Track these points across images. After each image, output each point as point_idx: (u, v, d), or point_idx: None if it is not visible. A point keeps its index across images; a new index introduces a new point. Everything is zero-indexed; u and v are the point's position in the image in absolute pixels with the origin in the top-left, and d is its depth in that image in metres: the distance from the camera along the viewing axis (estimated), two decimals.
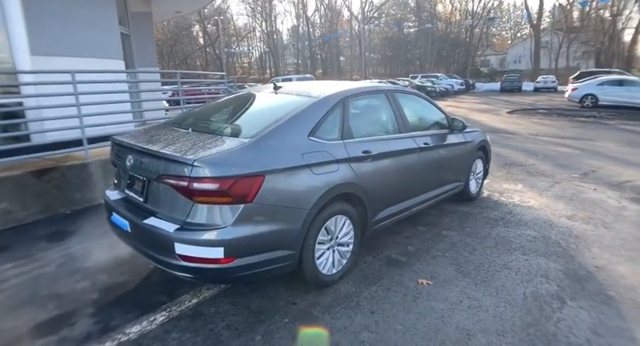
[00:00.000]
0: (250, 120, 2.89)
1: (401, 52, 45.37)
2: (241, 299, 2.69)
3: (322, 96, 2.87)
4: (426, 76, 29.45)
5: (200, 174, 2.11)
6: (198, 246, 2.14)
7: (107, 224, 2.84)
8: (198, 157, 2.14)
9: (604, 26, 39.81)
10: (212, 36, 46.81)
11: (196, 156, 2.15)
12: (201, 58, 50.96)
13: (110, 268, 3.15)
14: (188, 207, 2.19)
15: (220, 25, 39.52)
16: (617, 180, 5.84)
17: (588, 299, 2.69)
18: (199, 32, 50.15)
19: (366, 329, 2.37)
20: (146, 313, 2.54)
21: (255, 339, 2.29)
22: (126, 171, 2.63)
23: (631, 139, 9.75)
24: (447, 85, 27.49)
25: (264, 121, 2.58)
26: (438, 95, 25.44)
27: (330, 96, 2.89)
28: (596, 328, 2.37)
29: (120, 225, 2.53)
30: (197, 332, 2.36)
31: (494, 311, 2.55)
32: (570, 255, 3.33)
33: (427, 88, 25.04)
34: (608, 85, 15.99)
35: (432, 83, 26.60)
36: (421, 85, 24.67)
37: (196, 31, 50.65)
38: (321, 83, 3.55)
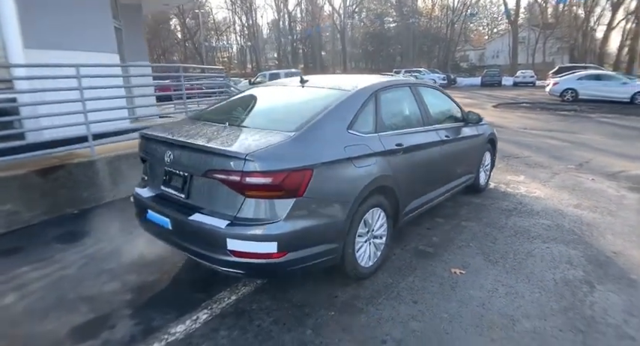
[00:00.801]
0: (287, 113, 2.86)
1: (382, 46, 45.61)
2: (281, 293, 2.68)
3: (356, 89, 2.87)
4: (409, 71, 29.72)
5: (253, 169, 2.08)
6: (252, 241, 2.12)
7: (128, 221, 2.76)
8: (250, 151, 2.11)
9: (577, 23, 41.12)
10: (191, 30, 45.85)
11: (248, 151, 2.12)
12: (179, 52, 49.85)
13: (137, 268, 3.07)
14: (239, 202, 2.16)
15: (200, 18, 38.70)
16: (611, 170, 6.08)
17: (614, 282, 2.80)
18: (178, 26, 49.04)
19: (413, 318, 2.40)
20: (187, 312, 2.50)
21: (306, 333, 2.29)
22: (161, 166, 2.56)
23: (614, 132, 10.15)
24: (429, 80, 27.83)
25: (303, 114, 2.56)
26: None
27: (363, 88, 2.90)
28: (629, 309, 2.48)
29: (159, 222, 2.47)
30: (245, 328, 2.33)
31: (531, 297, 2.63)
32: (587, 242, 3.46)
33: None
34: (586, 80, 16.59)
35: (415, 78, 26.86)
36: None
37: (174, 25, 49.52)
38: (344, 76, 3.55)
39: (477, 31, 62.32)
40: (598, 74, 17.12)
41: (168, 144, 2.46)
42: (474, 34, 61.66)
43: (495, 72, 31.43)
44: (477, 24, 60.32)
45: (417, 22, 42.52)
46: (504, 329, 2.30)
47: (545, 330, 2.29)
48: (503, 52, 46.32)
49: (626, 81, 16.16)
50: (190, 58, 46.52)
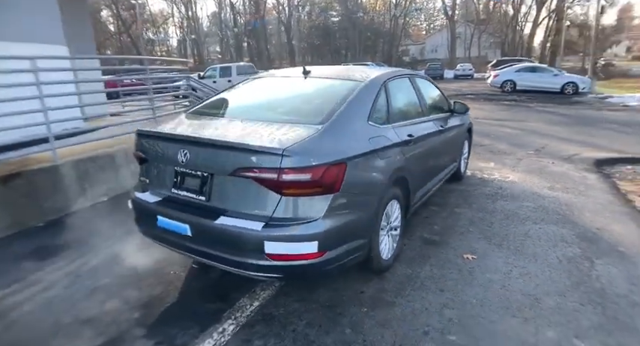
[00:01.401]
0: (305, 105, 2.72)
1: (328, 40, 45.87)
2: (306, 295, 2.56)
3: (368, 79, 2.81)
4: (358, 64, 30.20)
5: (291, 165, 1.95)
6: (291, 242, 1.99)
7: (106, 230, 2.49)
8: (287, 146, 1.97)
9: (507, 20, 44.28)
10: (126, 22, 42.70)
11: (283, 146, 1.98)
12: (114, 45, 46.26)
13: (134, 281, 2.78)
14: (274, 202, 2.01)
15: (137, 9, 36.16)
16: (565, 154, 6.61)
17: (608, 256, 3.03)
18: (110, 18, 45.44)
19: (445, 306, 2.42)
20: (210, 324, 2.30)
21: (345, 333, 2.21)
22: (170, 167, 2.32)
23: (554, 120, 11.06)
24: None
25: (324, 106, 2.46)
26: None
27: (375, 79, 2.85)
28: (630, 279, 2.69)
29: (174, 229, 2.24)
30: (280, 335, 2.20)
31: (543, 275, 2.75)
32: (572, 221, 3.71)
33: None
34: (523, 72, 17.92)
35: None
36: None
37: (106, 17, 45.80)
38: (343, 67, 3.47)
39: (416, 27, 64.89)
40: (533, 67, 18.57)
41: (182, 142, 2.23)
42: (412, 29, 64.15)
43: (437, 65, 32.90)
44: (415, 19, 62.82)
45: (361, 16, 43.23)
46: (532, 308, 2.38)
47: (568, 305, 2.41)
48: (442, 46, 48.67)
49: (557, 73, 17.68)
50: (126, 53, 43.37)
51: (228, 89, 3.21)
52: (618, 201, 4.30)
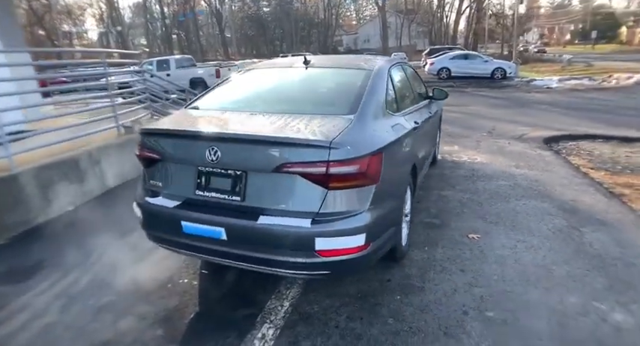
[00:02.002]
0: (325, 96, 2.63)
1: (262, 31, 44.93)
2: (333, 289, 2.51)
3: (376, 67, 2.79)
4: (297, 55, 29.92)
5: (339, 157, 1.87)
6: (340, 237, 1.92)
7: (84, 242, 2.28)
8: (332, 139, 1.89)
9: (432, 9, 46.61)
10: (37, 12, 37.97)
11: (329, 138, 1.89)
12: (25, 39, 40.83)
13: (142, 296, 2.54)
14: (320, 196, 1.92)
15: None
16: (515, 134, 7.16)
17: (591, 224, 3.34)
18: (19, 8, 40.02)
19: (473, 285, 2.51)
20: (247, 331, 2.18)
21: (389, 322, 2.20)
22: (192, 167, 2.12)
23: (491, 103, 11.95)
24: None
25: (344, 96, 2.42)
26: None
27: (381, 67, 2.83)
28: (617, 243, 3.00)
29: (205, 234, 2.05)
30: (325, 333, 2.14)
31: (545, 246, 2.97)
32: (548, 195, 4.04)
33: None
34: (457, 59, 19.05)
35: None
36: None
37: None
38: (341, 56, 3.41)
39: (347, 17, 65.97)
40: (466, 54, 19.81)
41: (210, 140, 2.03)
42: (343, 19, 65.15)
43: (373, 54, 33.78)
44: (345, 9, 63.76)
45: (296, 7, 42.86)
46: (548, 278, 2.56)
47: (576, 272, 2.63)
48: (375, 36, 50.01)
49: (486, 59, 19.05)
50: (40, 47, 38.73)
51: (225, 82, 2.99)
52: (577, 174, 4.76)
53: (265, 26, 44.14)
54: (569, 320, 2.17)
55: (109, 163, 4.44)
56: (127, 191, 4.49)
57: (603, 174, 4.88)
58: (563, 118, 8.88)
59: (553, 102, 11.56)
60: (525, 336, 2.06)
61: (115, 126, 4.77)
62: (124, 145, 4.69)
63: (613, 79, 16.66)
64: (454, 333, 2.10)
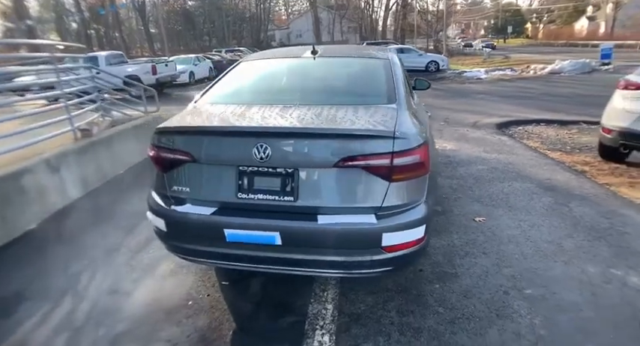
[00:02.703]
0: (354, 86, 2.54)
1: (190, 26, 42.74)
2: (369, 285, 2.43)
3: (389, 56, 2.76)
4: (231, 50, 29.01)
5: (402, 147, 1.80)
6: (406, 230, 1.85)
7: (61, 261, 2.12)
8: (394, 129, 1.81)
9: (361, 5, 47.84)
10: None
11: (390, 128, 1.81)
12: None
13: (163, 317, 2.26)
14: (382, 190, 1.83)
15: None
16: (469, 122, 7.61)
17: (574, 200, 3.63)
18: None
19: (500, 266, 2.59)
20: (300, 341, 2.03)
21: (439, 312, 2.19)
22: (231, 167, 1.90)
23: (434, 93, 12.48)
24: None
25: (375, 86, 2.38)
26: None
27: (393, 56, 2.80)
28: (603, 215, 3.29)
29: (257, 240, 1.85)
30: (383, 331, 2.07)
31: (546, 223, 3.17)
32: (526, 176, 4.33)
33: None
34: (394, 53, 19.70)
35: (240, 57, 26.53)
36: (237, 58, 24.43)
37: None
38: (349, 46, 3.30)
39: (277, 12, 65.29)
40: (401, 48, 20.60)
41: (259, 136, 1.84)
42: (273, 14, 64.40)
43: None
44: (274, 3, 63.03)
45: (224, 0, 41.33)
46: (562, 252, 2.73)
47: (583, 244, 2.83)
48: (307, 31, 50.11)
49: (421, 53, 20.06)
50: None
51: (229, 74, 2.73)
52: (539, 156, 5.17)
53: (194, 21, 42.07)
54: (596, 289, 2.33)
55: (69, 172, 3.89)
56: (93, 201, 4.01)
57: (559, 154, 5.37)
58: (502, 106, 9.62)
59: (488, 92, 12.49)
60: (568, 309, 2.17)
61: (70, 130, 4.20)
62: (85, 151, 4.16)
63: (531, 69, 18.43)
64: (506, 314, 2.15)
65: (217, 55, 23.49)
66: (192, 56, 19.16)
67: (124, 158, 4.86)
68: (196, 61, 18.56)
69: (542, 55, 27.52)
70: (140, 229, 3.35)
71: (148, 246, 3.07)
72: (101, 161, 4.41)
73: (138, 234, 3.27)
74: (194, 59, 18.53)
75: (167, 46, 25.76)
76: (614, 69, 16.73)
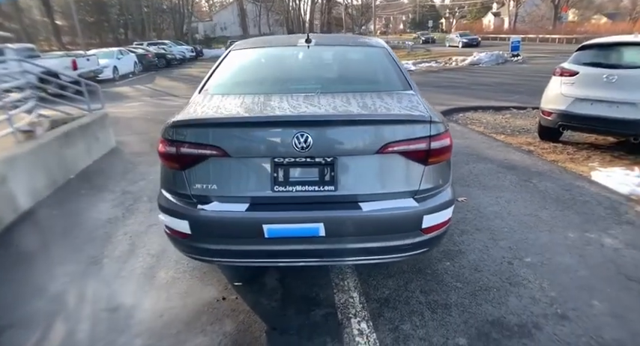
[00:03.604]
0: (367, 74, 2.54)
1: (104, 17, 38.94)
2: (385, 270, 2.48)
3: (384, 44, 2.79)
4: (154, 43, 27.10)
5: (438, 131, 1.86)
6: (441, 211, 1.93)
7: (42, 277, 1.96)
8: (427, 113, 1.85)
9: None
10: None
11: (424, 112, 1.85)
12: None
13: (184, 328, 2.09)
14: (418, 173, 1.87)
15: None
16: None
17: (534, 176, 4.02)
18: None
19: (496, 240, 2.80)
20: (339, 331, 2.02)
21: (459, 286, 2.32)
22: (266, 158, 1.80)
23: None
24: (180, 53, 26.54)
25: (386, 74, 2.41)
26: (179, 62, 24.42)
27: (386, 44, 2.84)
28: (563, 187, 3.70)
29: (301, 233, 1.78)
30: (415, 311, 2.13)
31: (519, 198, 3.48)
32: (486, 158, 4.69)
33: (167, 56, 23.52)
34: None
35: (163, 50, 25.01)
36: (163, 52, 23.09)
37: None
38: (338, 35, 3.25)
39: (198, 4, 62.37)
40: None
41: (298, 125, 1.76)
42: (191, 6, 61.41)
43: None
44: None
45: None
46: (541, 223, 3.03)
47: (557, 214, 3.17)
48: (232, 24, 48.69)
49: None
50: None
51: (225, 64, 2.55)
52: (489, 139, 5.63)
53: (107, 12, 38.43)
54: (581, 251, 2.63)
55: (17, 180, 3.39)
56: (48, 211, 3.55)
57: (504, 137, 5.90)
58: (438, 95, 10.25)
59: (421, 83, 13.10)
60: (566, 270, 2.43)
61: (10, 132, 3.64)
62: (31, 155, 3.63)
63: (452, 61, 19.88)
64: (517, 281, 2.34)
65: (141, 49, 21.84)
66: (114, 49, 17.57)
67: (74, 161, 4.35)
68: (119, 55, 17.07)
69: (460, 48, 29.82)
70: (119, 237, 3.04)
71: (134, 253, 2.81)
72: (50, 165, 3.89)
73: (118, 243, 2.96)
74: (117, 53, 17.02)
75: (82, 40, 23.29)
76: (523, 60, 18.74)
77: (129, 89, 13.48)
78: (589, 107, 4.58)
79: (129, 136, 6.08)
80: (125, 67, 17.26)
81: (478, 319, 2.06)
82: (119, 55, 17.02)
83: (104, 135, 5.15)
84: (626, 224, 2.97)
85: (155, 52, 22.64)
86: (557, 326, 1.98)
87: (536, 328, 1.98)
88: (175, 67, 22.74)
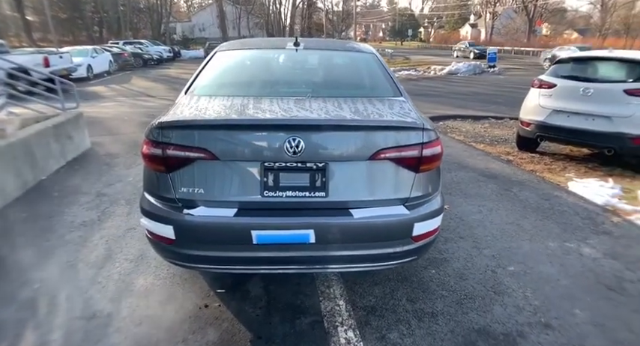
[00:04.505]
0: (358, 79, 2.54)
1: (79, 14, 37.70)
2: (370, 278, 2.47)
3: (372, 50, 2.80)
4: (130, 43, 26.39)
5: (429, 139, 1.86)
6: (431, 219, 1.92)
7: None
8: (419, 120, 1.85)
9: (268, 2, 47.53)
10: None
11: (417, 120, 1.85)
12: None
13: (164, 338, 2.00)
14: (409, 181, 1.86)
15: None
16: None
17: (514, 185, 4.11)
18: None
19: (479, 248, 2.83)
20: (326, 339, 1.98)
21: (444, 295, 2.32)
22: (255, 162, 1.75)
23: None
24: (157, 53, 25.97)
25: (377, 80, 2.42)
26: (156, 63, 23.91)
27: (375, 50, 2.84)
28: (541, 196, 3.80)
29: (290, 240, 1.74)
30: (402, 319, 2.12)
31: (500, 206, 3.54)
32: (467, 166, 4.77)
33: (144, 56, 23.00)
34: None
35: (141, 50, 24.44)
36: (140, 52, 22.57)
37: None
38: (324, 39, 3.23)
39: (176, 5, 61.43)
40: None
41: (289, 129, 1.72)
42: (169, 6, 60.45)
43: (217, 44, 32.53)
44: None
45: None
46: (522, 232, 3.09)
47: (538, 223, 3.24)
48: (211, 25, 48.13)
49: None
50: None
51: (211, 65, 2.48)
52: (469, 148, 5.74)
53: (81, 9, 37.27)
54: (562, 261, 2.69)
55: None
56: (17, 213, 3.38)
57: (483, 146, 6.03)
58: (417, 103, 10.11)
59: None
60: (548, 280, 2.47)
61: None
62: (3, 153, 3.44)
63: (431, 70, 20.29)
64: (501, 290, 2.36)
65: (116, 48, 21.26)
66: (89, 48, 16.99)
67: (47, 162, 4.14)
68: (94, 53, 16.52)
69: (438, 57, 30.50)
70: (94, 241, 2.91)
71: (111, 259, 2.69)
72: (20, 166, 3.69)
73: (93, 248, 2.83)
74: (91, 51, 16.47)
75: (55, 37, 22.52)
76: (499, 71, 19.34)
77: (104, 88, 13.07)
78: (566, 119, 4.74)
79: (104, 137, 5.86)
80: (100, 65, 16.73)
81: (464, 327, 2.06)
82: (94, 54, 16.48)
83: (79, 136, 4.94)
84: (603, 234, 3.07)
85: (131, 51, 22.07)
86: (541, 335, 2.00)
87: (521, 336, 2.00)
88: (152, 68, 22.23)
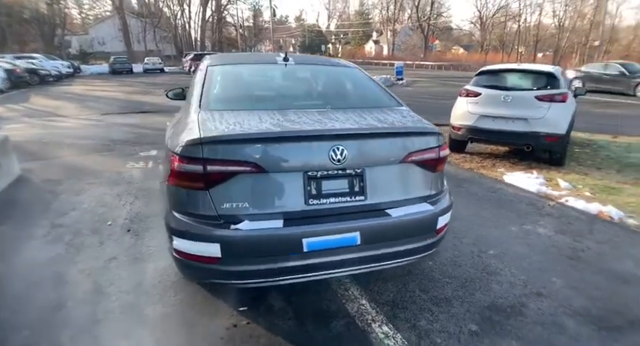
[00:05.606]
0: (358, 91, 2.68)
1: None
2: (380, 275, 2.63)
3: (354, 65, 2.99)
4: (20, 57, 23.24)
5: (442, 142, 2.13)
6: (448, 213, 2.18)
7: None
8: (431, 125, 2.11)
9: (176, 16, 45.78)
10: None
11: (432, 125, 2.10)
12: None
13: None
14: (430, 179, 2.12)
15: None
16: None
17: (461, 182, 4.64)
18: None
19: (459, 237, 3.18)
20: (366, 338, 2.09)
21: (448, 282, 2.59)
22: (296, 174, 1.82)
23: None
24: (54, 68, 23.31)
25: (374, 92, 2.61)
26: (55, 79, 21.44)
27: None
28: (488, 190, 4.36)
29: (339, 244, 1.83)
30: (425, 308, 2.32)
31: (460, 202, 3.97)
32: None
33: (40, 72, 20.47)
34: None
35: (34, 65, 21.72)
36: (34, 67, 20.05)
37: None
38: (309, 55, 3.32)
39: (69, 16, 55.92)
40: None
41: (333, 139, 1.84)
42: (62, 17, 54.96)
43: (124, 59, 30.39)
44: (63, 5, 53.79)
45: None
46: (487, 220, 3.53)
47: (494, 211, 3.72)
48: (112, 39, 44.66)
49: None
50: None
51: (211, 81, 2.42)
52: None
53: None
54: (527, 241, 3.16)
55: None
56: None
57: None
58: None
59: None
60: (523, 257, 2.89)
61: None
62: None
63: None
64: (492, 271, 2.71)
65: (5, 62, 18.60)
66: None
67: None
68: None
69: None
70: (74, 276, 2.62)
71: (103, 293, 2.45)
72: None
73: (77, 283, 2.54)
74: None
75: None
76: (407, 83, 21.17)
77: (1, 109, 11.38)
78: (491, 122, 5.48)
79: (32, 162, 5.16)
80: None
81: (477, 306, 2.33)
82: None
83: (6, 162, 4.31)
84: (547, 216, 3.65)
85: (24, 66, 19.52)
86: (538, 302, 2.36)
87: (524, 306, 2.33)
88: (51, 85, 19.88)
